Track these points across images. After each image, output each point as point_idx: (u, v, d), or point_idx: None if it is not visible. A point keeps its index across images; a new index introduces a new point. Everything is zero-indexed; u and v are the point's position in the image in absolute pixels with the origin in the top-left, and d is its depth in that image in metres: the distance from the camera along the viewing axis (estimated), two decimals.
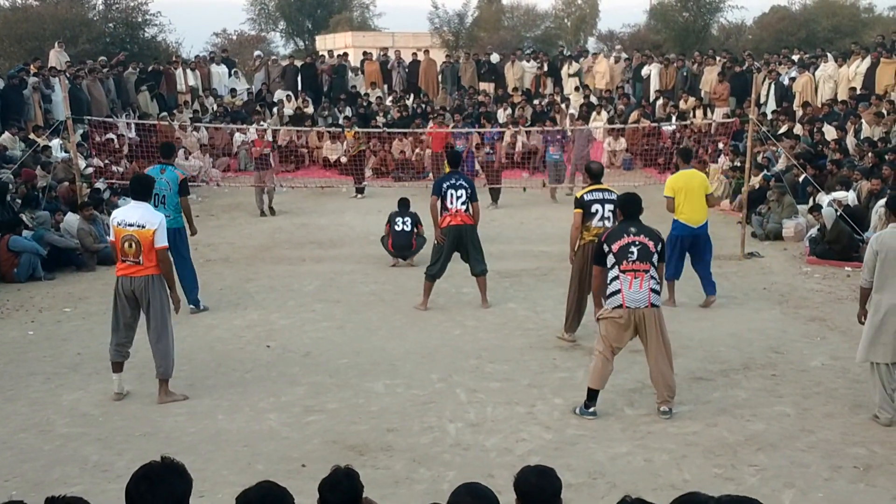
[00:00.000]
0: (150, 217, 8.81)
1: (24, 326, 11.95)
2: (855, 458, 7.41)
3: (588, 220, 10.60)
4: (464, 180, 12.17)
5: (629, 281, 8.11)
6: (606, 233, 8.48)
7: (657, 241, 8.28)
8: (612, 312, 8.24)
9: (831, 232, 15.22)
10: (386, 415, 8.54)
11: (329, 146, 26.58)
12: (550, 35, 47.32)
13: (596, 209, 10.61)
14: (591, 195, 10.73)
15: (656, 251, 8.22)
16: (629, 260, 8.13)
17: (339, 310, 12.46)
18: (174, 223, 11.71)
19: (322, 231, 18.73)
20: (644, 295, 8.12)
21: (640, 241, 8.19)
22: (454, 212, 12.00)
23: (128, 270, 8.80)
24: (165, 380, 8.98)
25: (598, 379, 8.35)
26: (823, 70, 25.16)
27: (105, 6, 38.20)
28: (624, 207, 8.59)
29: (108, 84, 25.77)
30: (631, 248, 8.15)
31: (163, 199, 11.74)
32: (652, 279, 8.16)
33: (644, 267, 8.12)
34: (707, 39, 39.59)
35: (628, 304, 8.13)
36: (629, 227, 8.30)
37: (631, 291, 8.11)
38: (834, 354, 10.20)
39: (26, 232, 14.97)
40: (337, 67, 30.91)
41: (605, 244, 8.30)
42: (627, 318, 8.17)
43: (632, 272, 8.12)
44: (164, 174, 11.86)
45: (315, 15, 51.96)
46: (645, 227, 8.35)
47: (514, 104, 28.68)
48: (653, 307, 8.18)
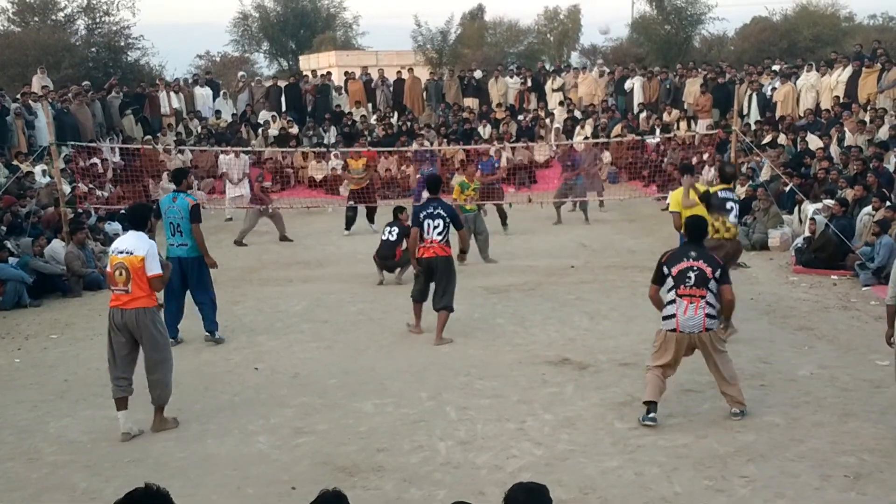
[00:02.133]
0: (139, 244, 8.57)
1: (11, 354, 11.89)
2: (845, 467, 7.40)
3: (725, 215, 11.16)
4: (442, 209, 11.70)
5: (685, 306, 8.27)
6: (668, 255, 8.54)
7: (716, 267, 8.35)
8: (663, 335, 8.47)
9: (818, 240, 15.28)
10: (376, 435, 8.50)
11: (314, 166, 26.59)
12: (533, 50, 47.42)
13: (731, 206, 11.25)
14: (724, 193, 11.33)
15: (714, 277, 8.30)
16: (687, 285, 8.28)
17: (327, 330, 12.44)
18: (194, 251, 11.58)
19: (309, 251, 18.72)
20: (699, 321, 8.27)
21: (699, 266, 8.30)
22: (428, 243, 11.62)
23: (117, 301, 8.54)
24: (161, 407, 8.77)
25: (652, 392, 8.46)
26: (805, 80, 25.31)
27: (87, 31, 38.23)
28: (689, 230, 8.75)
29: (93, 108, 25.73)
30: (689, 272, 8.30)
31: (178, 227, 11.53)
32: (708, 305, 8.27)
33: (700, 293, 8.25)
34: (689, 51, 39.72)
35: (682, 329, 8.31)
36: (690, 251, 8.44)
37: (685, 317, 8.27)
38: (822, 363, 10.21)
39: (12, 259, 14.91)
40: (321, 87, 30.93)
41: (666, 266, 8.44)
42: (682, 340, 8.36)
43: (688, 297, 8.27)
44: (175, 202, 11.59)
45: (298, 35, 51.94)
46: (705, 253, 8.47)
47: (499, 120, 28.75)
48: (707, 331, 8.32)
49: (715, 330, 8.42)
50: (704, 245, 8.71)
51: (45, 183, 19.60)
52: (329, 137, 28.43)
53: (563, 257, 16.87)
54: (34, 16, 38.13)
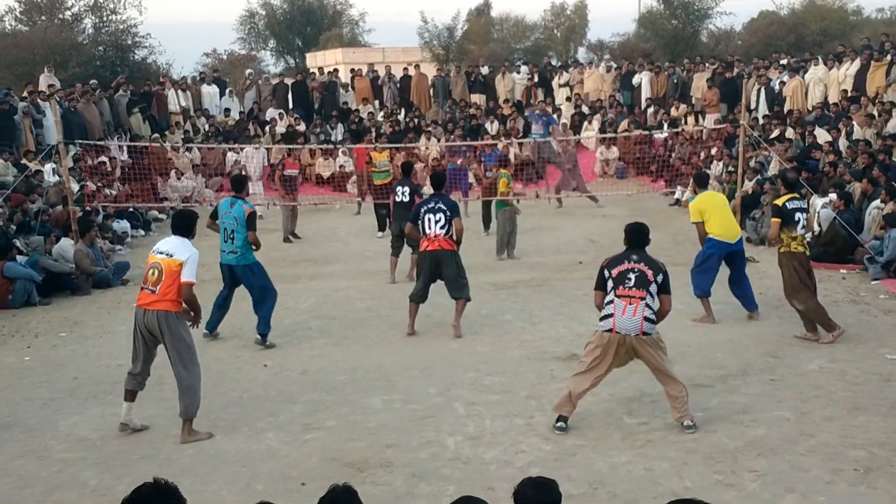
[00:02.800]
0: (182, 248, 8.49)
1: (20, 352, 11.92)
2: (855, 461, 7.39)
3: (792, 228, 10.90)
4: (443, 203, 11.72)
5: (623, 307, 7.98)
6: (609, 259, 8.30)
7: (657, 272, 8.10)
8: (598, 335, 8.18)
9: (826, 234, 15.24)
10: (384, 430, 8.51)
11: (322, 163, 26.60)
12: (540, 46, 47.36)
13: (798, 217, 10.96)
14: (792, 203, 11.04)
15: (655, 280, 8.04)
16: (626, 286, 8.02)
17: (336, 327, 12.46)
18: (244, 259, 11.52)
19: (317, 248, 18.73)
20: (637, 323, 7.96)
21: (640, 268, 8.06)
22: (432, 237, 11.62)
23: (143, 301, 8.44)
24: (188, 420, 8.53)
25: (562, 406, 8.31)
26: (813, 73, 25.23)
27: (94, 29, 38.26)
28: (629, 236, 8.42)
29: (101, 106, 25.78)
30: (629, 274, 8.05)
31: (231, 234, 11.51)
32: (647, 308, 7.99)
33: (640, 294, 7.98)
34: (697, 46, 39.64)
35: (619, 330, 8.00)
36: (632, 255, 8.19)
37: (623, 318, 7.97)
38: (832, 357, 10.19)
39: (21, 257, 14.95)
40: (328, 84, 30.95)
41: (607, 269, 8.19)
42: (615, 343, 8.05)
43: (626, 298, 7.99)
44: (233, 207, 11.55)
45: (305, 32, 51.96)
46: (647, 257, 8.22)
47: (506, 116, 28.73)
48: (645, 335, 8.01)
49: (654, 336, 8.10)
50: (646, 252, 8.35)
51: (53, 182, 19.64)
52: (336, 135, 28.42)
53: (571, 253, 16.86)
54: (41, 15, 38.18)
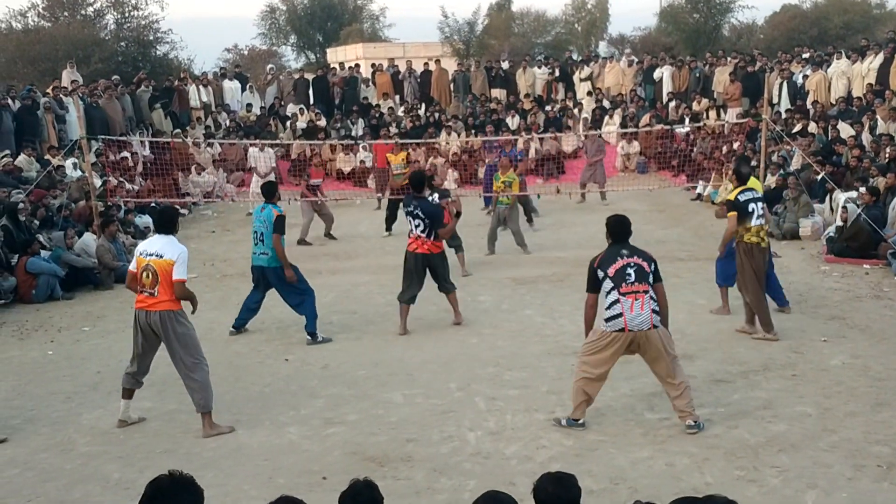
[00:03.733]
0: (169, 248, 8.49)
1: (44, 346, 12.01)
2: (878, 457, 7.35)
3: (747, 220, 10.82)
4: (421, 210, 11.38)
5: (630, 303, 7.81)
6: (598, 259, 8.04)
7: (650, 262, 7.99)
8: (608, 336, 7.93)
9: (850, 229, 15.14)
10: (405, 425, 8.53)
11: (342, 158, 26.64)
12: (561, 40, 47.30)
13: (752, 208, 10.89)
14: (744, 195, 10.98)
15: (651, 271, 7.95)
16: (627, 282, 7.84)
17: (356, 321, 12.49)
18: (275, 262, 11.52)
19: (337, 243, 18.76)
20: (646, 317, 7.82)
21: (635, 262, 7.92)
22: (414, 238, 11.51)
23: (143, 303, 8.48)
24: (207, 413, 8.55)
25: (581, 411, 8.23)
26: (836, 67, 25.06)
27: (116, 25, 38.52)
28: (612, 231, 8.23)
29: (123, 102, 25.92)
30: (627, 269, 7.87)
31: (261, 237, 11.55)
32: (651, 300, 7.88)
33: (643, 288, 7.85)
34: (718, 40, 39.52)
35: (631, 328, 7.83)
36: (621, 250, 8.01)
37: (633, 315, 7.80)
38: (854, 353, 10.13)
39: (44, 252, 15.04)
40: (348, 79, 30.99)
41: (600, 269, 7.96)
42: (627, 341, 7.90)
43: (632, 294, 7.82)
44: (262, 212, 11.64)
45: (326, 28, 52.13)
46: (636, 249, 8.09)
47: (526, 111, 28.68)
48: (655, 328, 7.89)
49: (661, 328, 7.98)
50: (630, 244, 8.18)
51: (76, 177, 19.76)
52: (357, 130, 28.46)
53: (591, 248, 16.68)
54: (63, 11, 38.45)
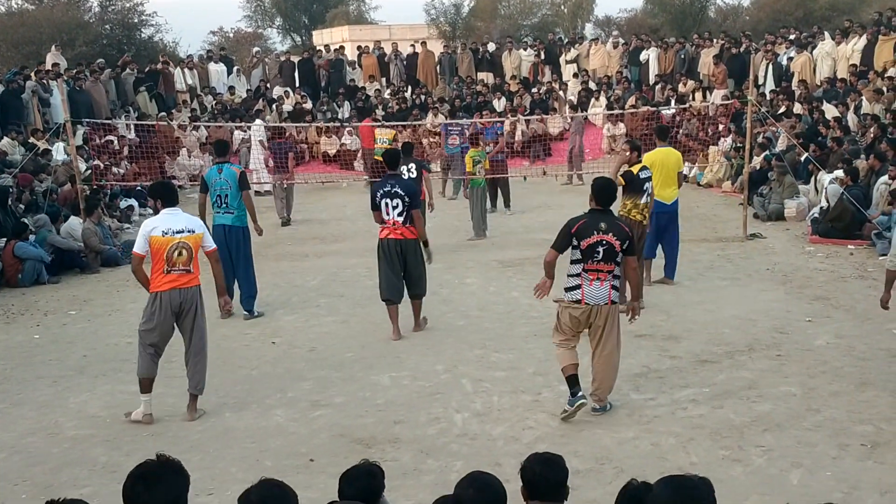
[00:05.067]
0: (194, 221, 8.56)
1: (30, 330, 11.98)
2: (862, 436, 7.40)
3: (638, 197, 11.00)
4: (400, 187, 10.51)
5: (590, 280, 7.78)
6: (578, 225, 7.80)
7: (624, 240, 7.79)
8: (569, 304, 7.95)
9: (834, 209, 15.21)
10: (392, 407, 8.55)
11: (327, 141, 26.59)
12: (547, 22, 47.19)
13: (647, 187, 11.09)
14: (644, 172, 11.14)
15: (622, 250, 7.78)
16: (594, 260, 7.75)
17: (344, 304, 12.49)
18: (239, 221, 11.72)
19: (324, 226, 18.75)
20: (605, 293, 7.80)
21: (608, 240, 7.71)
22: (391, 223, 10.58)
23: (177, 282, 8.27)
24: (197, 396, 8.55)
25: (566, 361, 8.00)
26: (821, 48, 25.09)
27: (101, 8, 38.28)
28: (599, 194, 7.94)
29: (108, 85, 25.79)
30: (598, 247, 7.72)
31: (225, 198, 11.65)
32: (614, 277, 7.83)
33: (608, 268, 7.76)
34: (704, 22, 39.44)
35: (587, 301, 7.82)
36: (600, 223, 7.77)
37: (591, 288, 7.80)
38: (839, 333, 10.19)
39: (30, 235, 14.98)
40: (334, 62, 30.89)
41: (575, 237, 7.80)
42: (585, 312, 7.88)
43: (594, 272, 7.77)
44: (221, 173, 11.71)
45: (311, 10, 51.94)
46: (615, 224, 7.86)
47: (512, 93, 28.66)
48: (612, 304, 7.88)
49: (618, 304, 7.98)
50: (612, 213, 8.07)
51: (61, 160, 19.66)
52: (343, 112, 28.41)
53: None
54: None
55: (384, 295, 10.88)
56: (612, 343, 7.99)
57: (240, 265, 11.84)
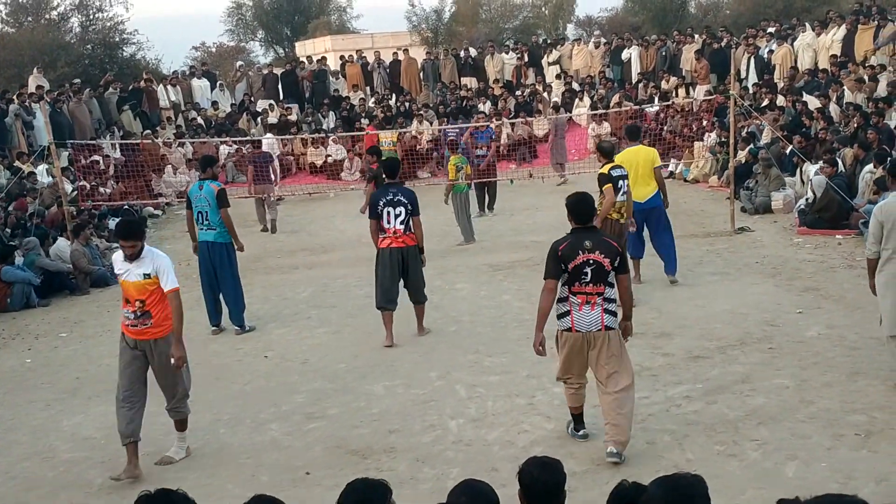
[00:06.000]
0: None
1: (21, 354, 11.95)
2: (856, 426, 7.42)
3: (615, 195, 11.04)
4: (402, 195, 10.66)
5: (579, 304, 7.18)
6: (563, 247, 7.20)
7: (614, 257, 7.17)
8: (561, 336, 7.39)
9: (821, 200, 15.25)
10: (387, 416, 8.55)
11: (314, 152, 26.58)
12: (529, 24, 47.23)
13: (621, 184, 11.15)
14: (616, 171, 11.23)
15: (613, 268, 7.16)
16: (582, 282, 7.15)
17: (335, 315, 12.48)
18: (222, 237, 11.74)
19: (313, 237, 18.74)
20: (597, 317, 7.16)
21: (595, 259, 7.10)
22: (392, 232, 10.68)
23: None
24: None
25: (573, 400, 7.57)
26: (802, 40, 25.17)
27: (82, 28, 38.15)
28: (575, 211, 7.38)
29: (91, 105, 25.74)
30: (585, 268, 7.12)
31: (206, 215, 11.66)
32: (606, 301, 7.17)
33: (598, 290, 7.14)
34: (685, 18, 39.53)
35: (578, 328, 7.21)
36: (584, 241, 7.15)
37: (581, 314, 7.18)
38: (829, 323, 10.22)
39: (18, 259, 14.94)
40: (317, 73, 30.90)
41: (562, 261, 7.19)
42: (579, 341, 7.24)
43: (583, 295, 7.16)
44: (202, 190, 11.75)
45: (293, 21, 51.82)
46: (601, 241, 7.25)
47: (496, 96, 28.70)
48: (607, 330, 7.20)
49: (616, 331, 7.27)
50: (597, 228, 7.59)
51: (47, 183, 19.62)
52: (328, 123, 28.42)
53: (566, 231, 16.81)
54: (27, 16, 38.06)
55: (380, 303, 10.91)
56: (620, 379, 7.22)
57: (226, 281, 11.84)
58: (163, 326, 7.67)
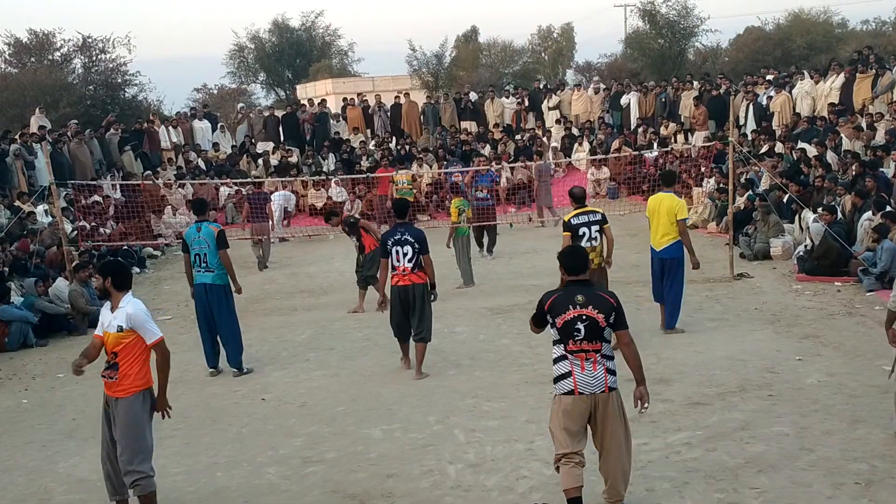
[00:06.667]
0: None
1: (18, 395, 11.89)
2: (856, 475, 7.38)
3: (576, 241, 11.17)
4: (409, 234, 11.05)
5: (580, 364, 6.76)
6: (551, 300, 6.89)
7: (609, 312, 6.78)
8: (559, 401, 6.91)
9: (819, 247, 15.28)
10: (385, 461, 8.49)
11: (314, 194, 26.66)
12: (529, 70, 47.69)
13: (583, 231, 11.32)
14: (578, 219, 11.40)
15: (608, 324, 6.78)
16: (576, 339, 6.75)
17: (334, 357, 12.44)
18: (220, 279, 11.74)
19: (312, 279, 18.74)
20: (600, 378, 6.76)
21: (588, 314, 6.73)
22: (401, 270, 11.05)
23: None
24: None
25: (568, 482, 6.81)
26: (800, 87, 25.39)
27: (84, 69, 38.44)
28: (568, 264, 7.08)
29: (92, 146, 25.86)
30: (577, 324, 6.74)
31: (204, 257, 11.64)
32: (605, 358, 6.81)
33: (595, 347, 6.76)
34: (684, 64, 39.87)
35: (581, 390, 6.77)
36: (575, 296, 6.81)
37: (584, 374, 6.75)
38: (829, 371, 10.19)
39: (17, 299, 14.94)
40: (318, 115, 31.11)
41: (549, 315, 6.89)
42: (582, 405, 6.81)
43: (581, 353, 6.76)
44: (200, 232, 11.73)
45: (294, 64, 52.25)
46: (594, 295, 6.87)
47: (496, 140, 28.86)
48: (611, 391, 6.84)
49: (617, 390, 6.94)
50: (591, 283, 7.18)
51: (47, 223, 19.66)
52: (328, 165, 28.54)
53: None
54: (31, 56, 38.38)
55: (395, 333, 11.52)
56: (620, 440, 6.93)
57: (223, 324, 11.82)
58: (124, 387, 7.23)
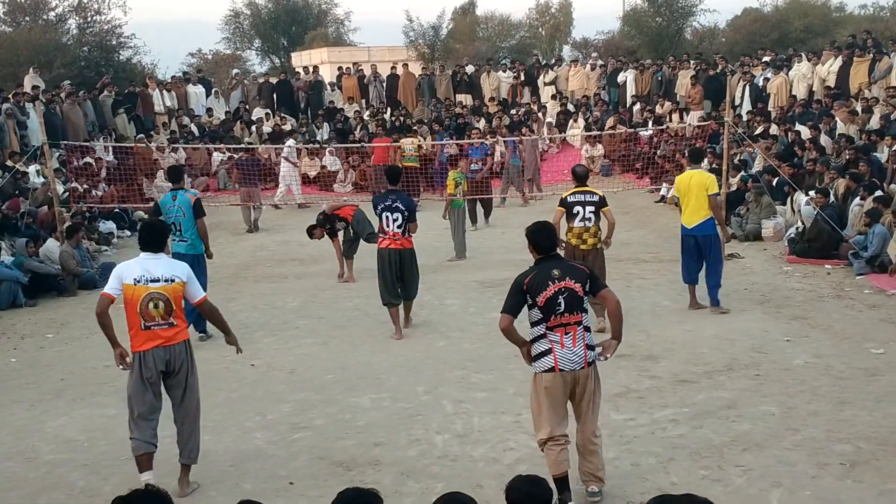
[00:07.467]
0: (177, 268, 7.38)
1: (7, 354, 11.89)
2: (841, 455, 7.44)
3: (570, 220, 11.27)
4: (400, 201, 11.52)
5: (559, 338, 6.66)
6: (528, 279, 6.79)
7: (584, 280, 6.75)
8: (540, 379, 6.83)
9: (811, 230, 15.31)
10: (373, 429, 8.53)
11: (308, 162, 26.58)
12: (525, 44, 47.45)
13: (577, 210, 11.30)
14: (574, 197, 11.37)
15: (586, 293, 6.76)
16: (557, 312, 6.65)
17: (323, 325, 12.46)
18: (193, 249, 11.62)
19: (303, 247, 18.67)
20: (580, 354, 6.67)
21: (566, 286, 6.67)
22: (392, 235, 11.55)
23: (158, 339, 7.17)
24: (190, 466, 7.43)
25: (556, 466, 6.73)
26: (797, 70, 25.36)
27: (79, 30, 38.15)
28: (537, 240, 7.07)
29: (85, 107, 25.70)
30: (558, 298, 6.65)
31: (179, 226, 11.55)
32: (585, 330, 6.75)
33: (576, 318, 6.67)
34: (681, 44, 39.71)
35: (562, 367, 6.68)
36: (552, 270, 6.76)
37: (564, 350, 6.65)
38: (817, 352, 10.24)
39: (7, 258, 14.89)
40: (313, 84, 30.94)
41: (529, 295, 6.75)
42: (562, 383, 6.73)
43: (561, 327, 6.66)
44: (175, 200, 11.63)
45: (290, 32, 51.91)
46: (568, 266, 6.90)
47: (491, 114, 28.78)
48: (589, 366, 6.76)
49: (596, 363, 6.85)
50: (561, 256, 7.22)
51: (39, 183, 19.57)
52: (322, 134, 28.44)
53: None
54: (25, 16, 38.02)
55: (385, 299, 11.77)
56: (593, 407, 6.89)
57: None
58: None
